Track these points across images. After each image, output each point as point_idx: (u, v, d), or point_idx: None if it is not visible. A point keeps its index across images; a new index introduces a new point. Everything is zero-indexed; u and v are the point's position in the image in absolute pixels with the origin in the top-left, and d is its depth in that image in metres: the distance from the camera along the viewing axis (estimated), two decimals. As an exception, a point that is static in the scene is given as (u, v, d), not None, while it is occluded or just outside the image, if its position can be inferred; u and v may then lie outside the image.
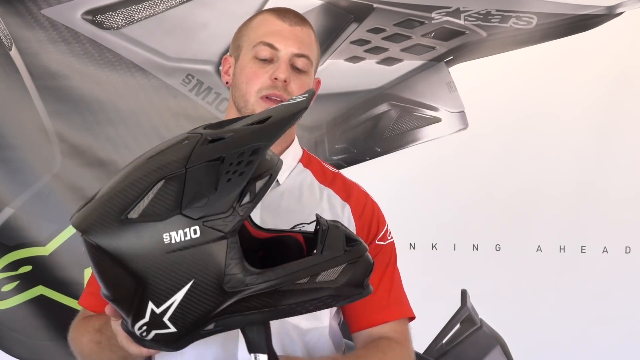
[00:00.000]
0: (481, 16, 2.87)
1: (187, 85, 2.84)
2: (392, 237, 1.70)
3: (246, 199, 1.19)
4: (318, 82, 1.72)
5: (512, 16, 2.87)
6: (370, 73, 2.86)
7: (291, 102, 1.26)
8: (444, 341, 2.87)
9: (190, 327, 1.23)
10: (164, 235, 1.18)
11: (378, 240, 1.66)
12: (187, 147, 1.22)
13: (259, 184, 1.20)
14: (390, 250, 1.69)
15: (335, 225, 1.28)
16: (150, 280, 1.20)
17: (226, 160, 1.19)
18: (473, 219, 2.87)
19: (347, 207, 1.66)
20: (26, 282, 2.79)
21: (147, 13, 2.83)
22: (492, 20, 2.87)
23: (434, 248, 2.88)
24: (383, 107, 2.88)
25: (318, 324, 1.59)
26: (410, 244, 2.80)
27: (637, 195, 2.88)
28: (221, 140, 1.21)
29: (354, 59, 2.86)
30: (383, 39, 2.87)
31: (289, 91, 1.58)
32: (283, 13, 1.65)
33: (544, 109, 2.89)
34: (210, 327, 1.23)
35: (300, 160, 1.70)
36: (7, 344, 2.80)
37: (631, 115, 2.89)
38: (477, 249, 2.88)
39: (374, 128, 2.88)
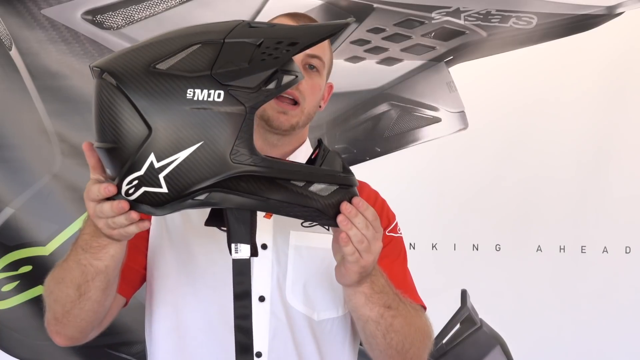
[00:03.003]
0: (481, 16, 2.87)
1: (187, 85, 2.84)
2: (401, 233, 1.72)
3: (272, 85, 1.23)
4: (330, 87, 1.74)
5: (512, 16, 2.87)
6: (370, 73, 2.86)
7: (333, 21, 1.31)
8: (444, 341, 2.87)
9: (183, 191, 1.23)
10: (188, 90, 1.21)
11: (389, 232, 1.68)
12: (228, 25, 1.27)
13: (286, 78, 1.25)
14: (401, 243, 1.71)
15: (337, 152, 1.34)
16: (161, 131, 1.21)
17: (264, 43, 1.24)
18: (473, 219, 2.87)
19: None
20: (26, 282, 2.79)
21: (147, 13, 2.83)
22: (492, 20, 2.87)
23: (434, 248, 2.88)
24: (383, 107, 2.88)
25: (330, 315, 1.60)
26: (410, 244, 2.80)
27: (637, 195, 2.88)
28: (262, 27, 1.27)
29: (354, 59, 2.86)
30: (383, 39, 2.87)
31: (301, 90, 1.60)
32: (297, 16, 1.69)
33: (544, 109, 2.88)
34: (201, 197, 1.24)
35: None
36: (7, 343, 2.80)
37: (631, 115, 2.89)
38: (477, 249, 2.89)
39: (374, 128, 2.88)
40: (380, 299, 1.49)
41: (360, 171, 1.83)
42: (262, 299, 1.56)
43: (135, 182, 1.23)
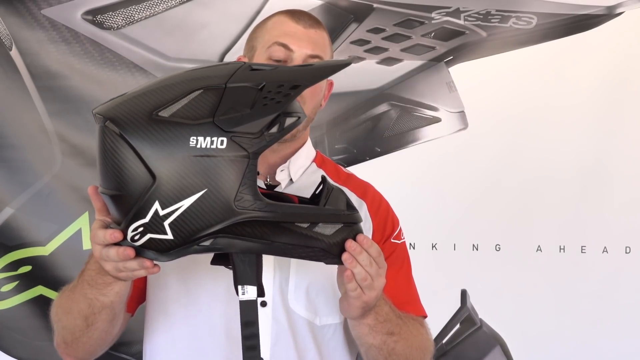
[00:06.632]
0: (481, 16, 2.87)
1: (187, 85, 2.83)
2: (404, 238, 1.71)
3: (274, 129, 1.24)
4: (331, 84, 1.73)
5: (512, 16, 2.87)
6: (370, 73, 2.86)
7: (333, 59, 1.33)
8: (444, 341, 2.87)
9: (188, 238, 1.25)
10: (191, 138, 1.21)
11: (393, 239, 1.67)
12: (229, 68, 1.27)
13: (289, 121, 1.25)
14: (404, 250, 1.71)
15: (340, 189, 1.34)
16: (165, 179, 1.22)
17: (266, 87, 1.25)
18: (473, 219, 2.87)
19: (364, 205, 1.67)
20: (26, 282, 2.79)
21: (147, 13, 2.83)
22: (492, 20, 2.87)
23: (434, 248, 2.88)
24: (383, 107, 2.88)
25: (332, 320, 1.60)
26: (410, 244, 2.79)
27: (637, 196, 2.88)
28: (263, 70, 1.27)
29: (354, 59, 2.86)
30: (383, 39, 2.87)
31: (302, 94, 1.58)
32: (298, 15, 1.67)
33: (544, 109, 2.88)
34: (207, 243, 1.25)
35: (314, 161, 1.71)
36: (7, 344, 2.80)
37: (631, 116, 2.89)
38: (477, 249, 2.88)
39: (374, 128, 2.88)
40: (384, 327, 1.50)
41: (361, 171, 1.83)
42: (264, 304, 1.55)
43: (141, 229, 1.25)
